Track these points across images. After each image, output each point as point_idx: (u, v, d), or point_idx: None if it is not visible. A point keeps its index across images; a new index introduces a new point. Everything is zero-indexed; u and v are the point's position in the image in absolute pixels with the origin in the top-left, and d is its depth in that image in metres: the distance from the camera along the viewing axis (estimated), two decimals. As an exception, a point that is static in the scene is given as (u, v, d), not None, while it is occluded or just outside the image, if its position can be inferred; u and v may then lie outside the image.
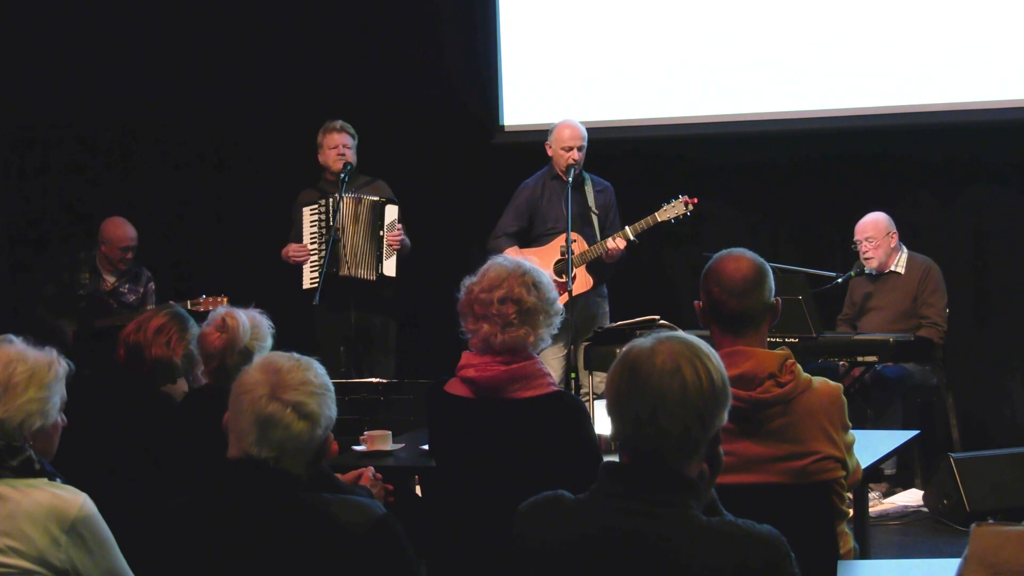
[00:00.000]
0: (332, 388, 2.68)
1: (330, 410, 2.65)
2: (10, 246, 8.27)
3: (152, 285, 7.43)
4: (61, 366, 3.00)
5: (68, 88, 8.18)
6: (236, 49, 8.14)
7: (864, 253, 6.77)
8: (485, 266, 3.63)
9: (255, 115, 8.16)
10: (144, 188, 8.35)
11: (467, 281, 3.63)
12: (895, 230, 6.81)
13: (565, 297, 6.24)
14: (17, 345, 2.98)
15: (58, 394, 2.99)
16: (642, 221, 6.64)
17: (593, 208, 6.83)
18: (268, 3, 8.26)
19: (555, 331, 3.66)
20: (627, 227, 6.65)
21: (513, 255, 6.64)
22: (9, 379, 2.90)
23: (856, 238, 6.81)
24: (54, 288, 7.31)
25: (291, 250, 6.95)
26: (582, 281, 6.68)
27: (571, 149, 6.71)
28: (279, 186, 7.42)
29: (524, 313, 3.54)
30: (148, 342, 4.37)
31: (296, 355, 2.71)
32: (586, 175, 6.88)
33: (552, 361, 6.68)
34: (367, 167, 7.04)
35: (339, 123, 6.96)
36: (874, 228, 6.77)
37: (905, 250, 6.86)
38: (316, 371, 2.67)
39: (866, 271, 6.80)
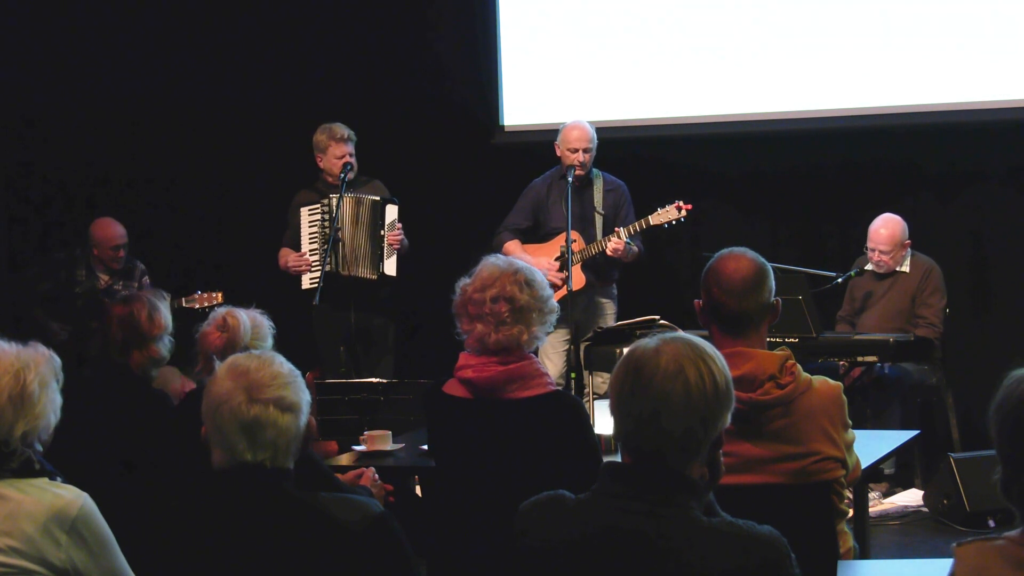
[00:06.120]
0: (298, 371, 2.68)
1: (305, 394, 2.66)
2: (8, 243, 8.26)
3: (146, 279, 7.37)
4: (54, 357, 2.95)
5: (67, 85, 8.17)
6: (236, 47, 8.13)
7: (876, 260, 6.73)
8: (478, 266, 3.65)
9: (255, 113, 8.15)
10: (143, 187, 8.34)
11: (461, 282, 3.64)
12: (908, 238, 6.76)
13: (563, 292, 6.28)
14: (7, 347, 2.87)
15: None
16: (634, 223, 6.67)
17: (599, 208, 6.82)
18: (268, 2, 8.26)
19: (550, 329, 3.67)
20: (620, 228, 6.67)
21: (513, 250, 6.71)
22: (24, 389, 2.82)
23: (869, 245, 6.74)
24: (50, 286, 7.29)
25: (290, 260, 6.88)
26: (576, 279, 6.68)
27: (576, 151, 6.69)
28: (279, 185, 7.40)
29: (517, 311, 3.55)
30: (120, 342, 4.35)
31: (253, 351, 2.71)
32: (598, 174, 6.86)
33: (553, 355, 6.71)
34: (367, 167, 7.02)
35: (345, 132, 6.85)
36: (890, 241, 6.67)
37: (910, 250, 6.84)
38: (280, 361, 2.67)
39: (868, 267, 6.78)
